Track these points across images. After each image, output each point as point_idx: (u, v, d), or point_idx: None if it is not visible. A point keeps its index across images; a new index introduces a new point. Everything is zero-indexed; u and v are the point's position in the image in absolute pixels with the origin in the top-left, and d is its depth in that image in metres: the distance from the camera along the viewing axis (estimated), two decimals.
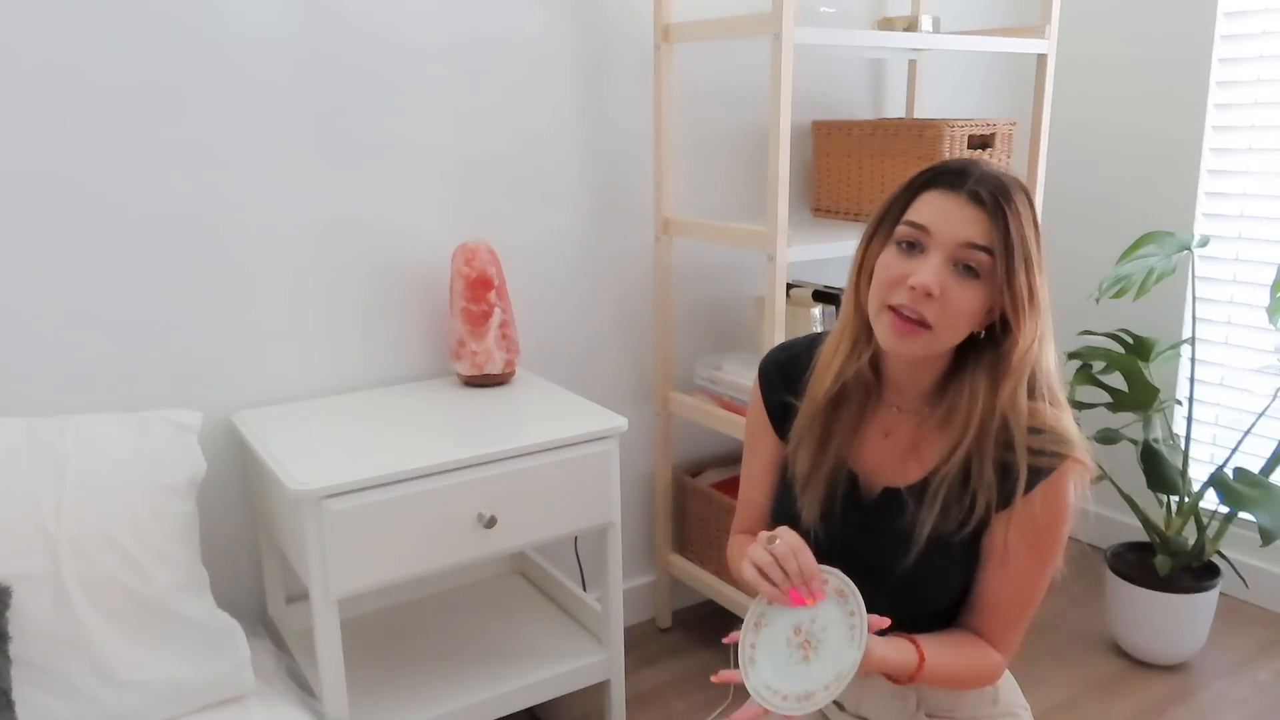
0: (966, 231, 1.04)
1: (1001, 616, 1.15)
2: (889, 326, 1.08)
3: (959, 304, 1.05)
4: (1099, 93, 2.67)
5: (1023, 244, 1.04)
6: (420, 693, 1.72)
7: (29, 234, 1.58)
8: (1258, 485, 2.07)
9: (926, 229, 1.06)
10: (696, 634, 2.38)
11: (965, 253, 1.05)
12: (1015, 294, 1.05)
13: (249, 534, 1.87)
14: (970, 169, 1.07)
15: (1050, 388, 1.11)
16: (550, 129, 2.05)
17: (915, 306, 1.05)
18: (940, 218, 1.06)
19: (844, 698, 1.26)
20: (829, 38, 1.87)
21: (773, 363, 1.28)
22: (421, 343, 1.99)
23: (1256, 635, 2.40)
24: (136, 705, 1.36)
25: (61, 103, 1.57)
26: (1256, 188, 2.41)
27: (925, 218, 1.07)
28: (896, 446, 1.18)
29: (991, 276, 1.05)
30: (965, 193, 1.05)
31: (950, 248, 1.05)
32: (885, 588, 1.13)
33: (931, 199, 1.07)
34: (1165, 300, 2.52)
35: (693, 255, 2.29)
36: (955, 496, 1.11)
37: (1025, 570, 1.13)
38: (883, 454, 1.18)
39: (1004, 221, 1.04)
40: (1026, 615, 1.16)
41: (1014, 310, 1.06)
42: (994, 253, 1.04)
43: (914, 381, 1.16)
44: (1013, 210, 1.04)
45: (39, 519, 1.35)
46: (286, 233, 1.80)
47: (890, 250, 1.10)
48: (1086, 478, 1.11)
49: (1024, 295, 1.05)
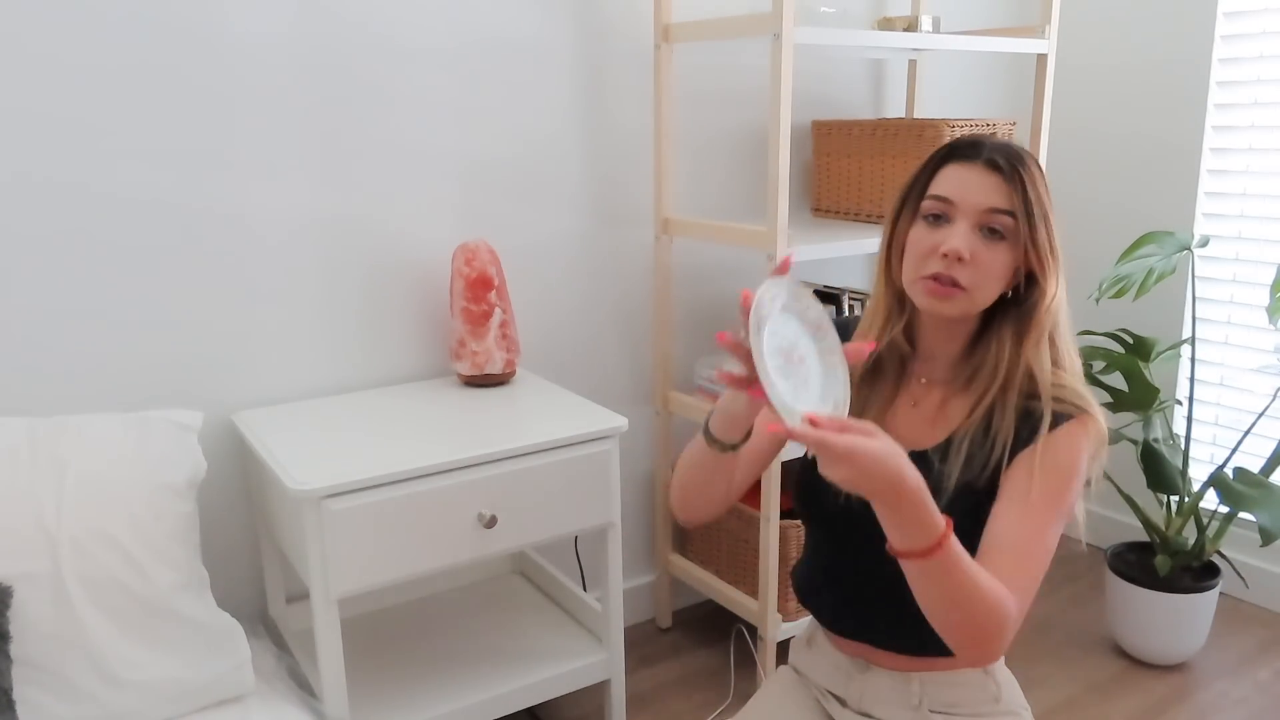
0: (989, 198, 1.11)
1: (1017, 557, 1.09)
2: (927, 292, 1.13)
3: (989, 265, 1.12)
4: (1099, 93, 2.67)
5: (1040, 203, 1.11)
6: (420, 693, 1.72)
7: (29, 234, 1.59)
8: (1258, 485, 2.07)
9: (950, 200, 1.12)
10: (696, 634, 2.38)
11: (989, 217, 1.11)
12: (1039, 249, 1.12)
13: (249, 534, 1.87)
14: (983, 141, 1.14)
15: (1070, 356, 1.16)
16: (550, 129, 2.05)
17: (949, 272, 1.11)
18: (962, 188, 1.12)
19: (848, 694, 1.26)
20: (829, 38, 1.87)
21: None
22: (421, 343, 1.99)
23: (1256, 635, 2.40)
24: (136, 705, 1.36)
25: (61, 102, 1.57)
26: (1256, 188, 2.41)
27: (948, 190, 1.13)
28: (924, 414, 1.21)
29: (1016, 237, 1.11)
30: (982, 161, 1.12)
31: (975, 214, 1.11)
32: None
33: (951, 172, 1.14)
34: (1165, 300, 2.52)
35: (693, 255, 2.29)
36: (979, 444, 1.14)
37: (1041, 511, 1.11)
38: (911, 423, 1.21)
39: (1021, 184, 1.11)
40: (1039, 563, 1.11)
41: (1040, 264, 1.12)
42: (1015, 214, 1.11)
43: (945, 348, 1.20)
44: (1028, 173, 1.11)
45: (39, 519, 1.35)
46: (287, 233, 1.81)
47: (919, 226, 1.16)
48: (1103, 440, 1.14)
49: (1046, 250, 1.12)
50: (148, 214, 1.67)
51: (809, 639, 1.35)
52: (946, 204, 1.13)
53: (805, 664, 1.34)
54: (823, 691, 1.31)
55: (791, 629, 2.07)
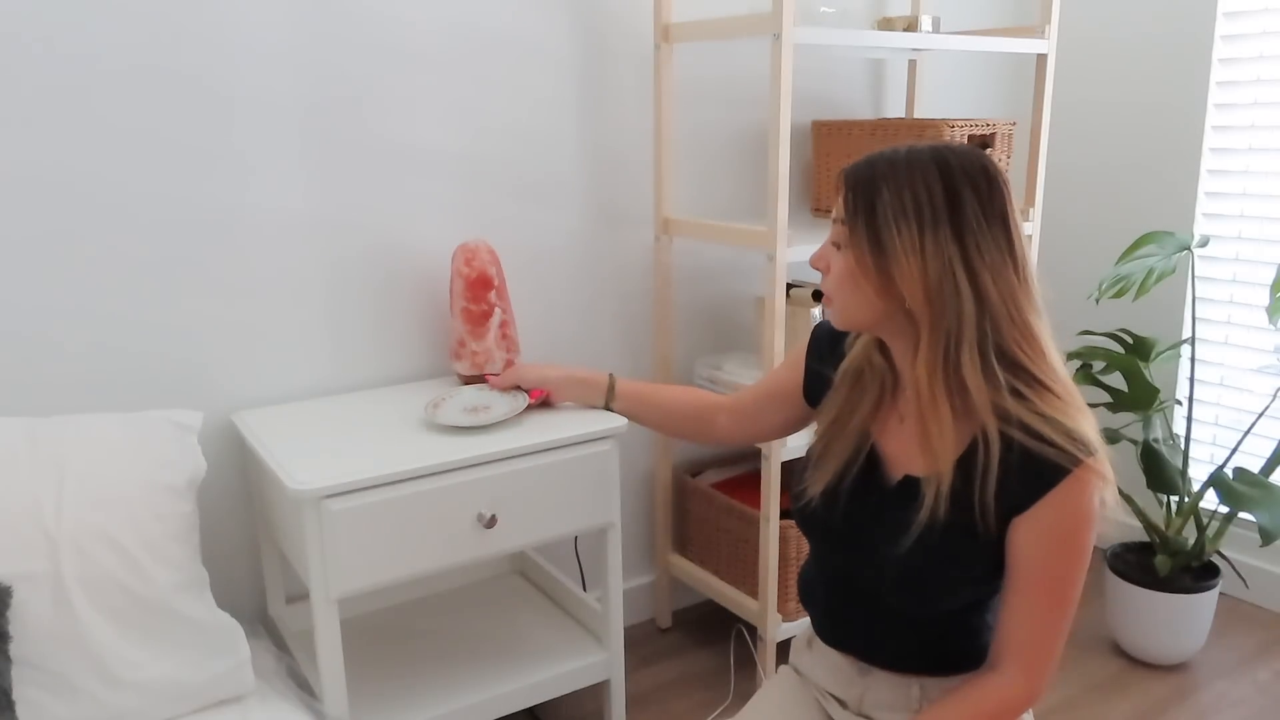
0: (836, 212, 1.14)
1: (1036, 652, 1.11)
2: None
3: (837, 274, 1.14)
4: (1099, 93, 2.67)
5: (874, 210, 1.07)
6: (420, 693, 1.72)
7: (28, 233, 1.58)
8: (1258, 485, 2.07)
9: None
10: (696, 634, 2.38)
11: (834, 228, 1.15)
12: (863, 251, 1.09)
13: (249, 534, 1.87)
14: (860, 160, 1.12)
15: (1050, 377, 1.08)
16: (551, 129, 2.05)
17: (821, 286, 1.18)
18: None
19: (848, 696, 1.26)
20: (829, 38, 1.87)
21: (827, 332, 1.32)
22: (421, 343, 1.99)
23: (1256, 635, 2.40)
24: (136, 705, 1.36)
25: (61, 102, 1.57)
26: (1256, 188, 2.41)
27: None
28: (910, 432, 1.17)
29: (845, 246, 1.12)
30: (842, 176, 1.13)
31: (831, 229, 1.16)
32: (887, 573, 1.14)
33: None
34: (1165, 300, 2.52)
35: (693, 255, 2.29)
36: (961, 484, 1.10)
37: (1050, 595, 1.09)
38: (900, 440, 1.19)
39: (855, 194, 1.09)
40: (1056, 645, 1.11)
41: (872, 269, 1.09)
42: (845, 222, 1.11)
43: (900, 363, 1.18)
44: (871, 184, 1.08)
45: (39, 519, 1.35)
46: (286, 232, 1.81)
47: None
48: (1109, 483, 1.07)
49: (874, 252, 1.08)
50: (147, 213, 1.67)
51: (809, 640, 1.35)
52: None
53: (806, 665, 1.34)
54: (823, 693, 1.31)
55: (791, 629, 2.07)
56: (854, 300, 1.13)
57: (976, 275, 1.05)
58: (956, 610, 1.17)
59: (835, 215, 1.14)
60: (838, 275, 1.13)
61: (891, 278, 1.08)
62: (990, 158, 1.11)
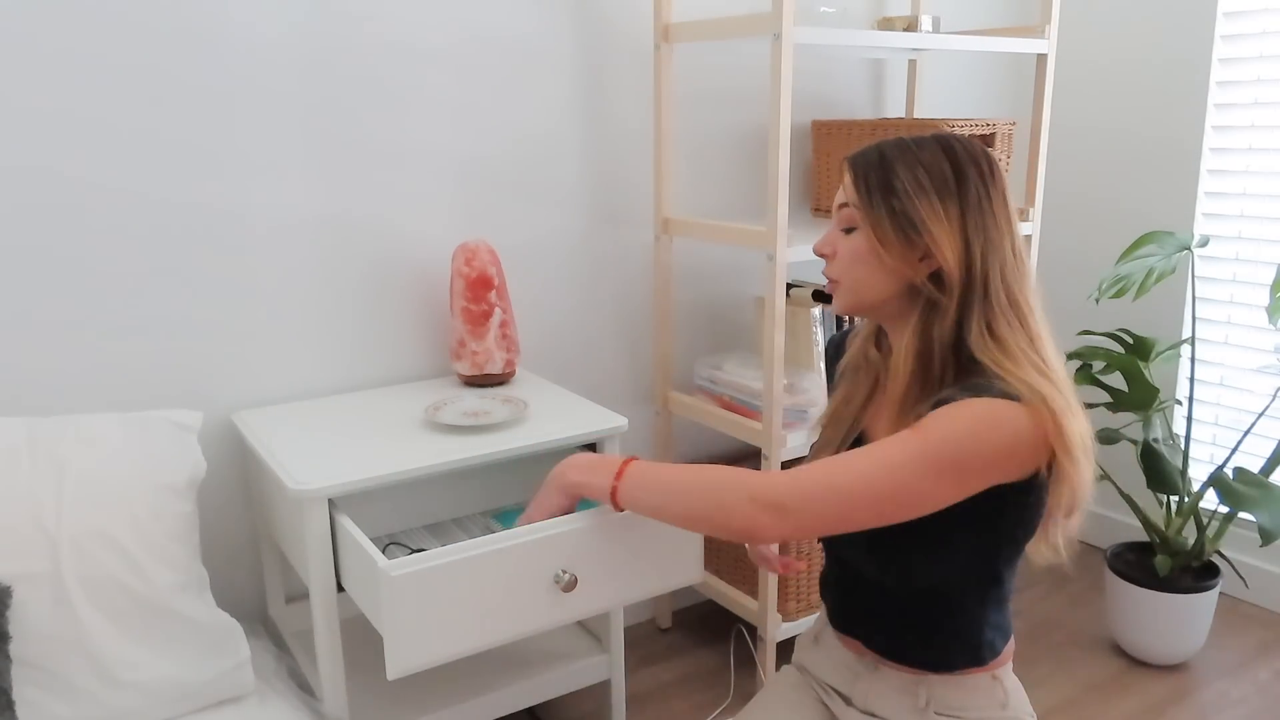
0: (841, 197, 1.18)
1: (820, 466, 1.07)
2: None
3: (844, 254, 1.17)
4: (1099, 93, 2.67)
5: (882, 190, 1.12)
6: (420, 693, 1.71)
7: (28, 233, 1.58)
8: (1258, 485, 2.07)
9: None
10: (696, 634, 2.38)
11: (841, 214, 1.18)
12: (878, 230, 1.12)
13: (249, 534, 1.87)
14: (864, 148, 1.17)
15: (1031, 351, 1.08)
16: (550, 128, 2.05)
17: (825, 271, 1.21)
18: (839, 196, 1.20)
19: (853, 692, 1.27)
20: (829, 38, 1.87)
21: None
22: (421, 342, 1.99)
23: (1256, 635, 2.40)
24: (136, 705, 1.36)
25: (61, 102, 1.57)
26: (1256, 188, 2.41)
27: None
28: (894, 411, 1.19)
29: (862, 225, 1.15)
30: (847, 163, 1.18)
31: (835, 215, 1.19)
32: (876, 552, 1.16)
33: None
34: (1165, 300, 2.52)
35: (693, 255, 2.29)
36: None
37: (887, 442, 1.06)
38: (884, 422, 1.21)
39: (862, 177, 1.14)
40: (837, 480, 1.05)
41: (882, 245, 1.12)
42: (854, 205, 1.15)
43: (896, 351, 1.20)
44: (876, 169, 1.13)
45: (39, 519, 1.35)
46: (287, 232, 1.81)
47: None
48: (1043, 423, 1.02)
49: (885, 229, 1.12)
50: (148, 213, 1.67)
51: (816, 635, 1.35)
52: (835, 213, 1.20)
53: (811, 660, 1.35)
54: (826, 689, 1.31)
55: (791, 629, 2.07)
56: (867, 280, 1.16)
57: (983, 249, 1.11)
58: (945, 592, 1.18)
59: (840, 201, 1.17)
60: (849, 256, 1.16)
61: (916, 249, 1.11)
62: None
